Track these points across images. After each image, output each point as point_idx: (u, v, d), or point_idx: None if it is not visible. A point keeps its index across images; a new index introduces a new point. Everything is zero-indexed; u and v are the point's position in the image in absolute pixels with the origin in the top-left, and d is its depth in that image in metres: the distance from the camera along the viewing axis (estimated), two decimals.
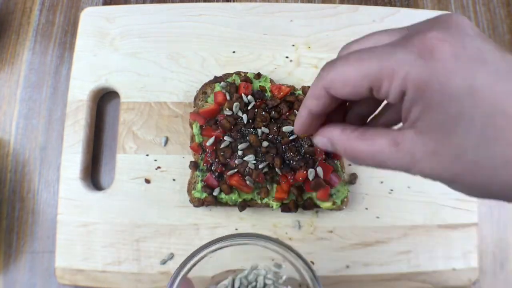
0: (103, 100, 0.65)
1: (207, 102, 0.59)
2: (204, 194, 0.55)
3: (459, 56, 0.26)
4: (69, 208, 0.58)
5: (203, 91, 0.60)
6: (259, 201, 0.56)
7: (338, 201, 0.55)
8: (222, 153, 0.54)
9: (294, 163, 0.53)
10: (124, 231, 0.57)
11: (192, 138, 0.58)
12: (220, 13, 0.65)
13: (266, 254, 0.45)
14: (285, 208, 0.55)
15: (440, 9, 0.69)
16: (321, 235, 0.58)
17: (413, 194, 0.59)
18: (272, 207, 0.55)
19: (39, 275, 0.59)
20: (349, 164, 0.60)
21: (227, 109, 0.56)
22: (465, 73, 0.25)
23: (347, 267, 0.57)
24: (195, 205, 0.56)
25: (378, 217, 0.58)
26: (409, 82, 0.26)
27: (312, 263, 0.57)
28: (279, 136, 0.55)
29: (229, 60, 0.63)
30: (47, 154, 0.63)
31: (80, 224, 0.58)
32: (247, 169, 0.54)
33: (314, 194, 0.55)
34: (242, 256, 0.48)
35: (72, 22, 0.68)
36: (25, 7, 0.69)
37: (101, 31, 0.64)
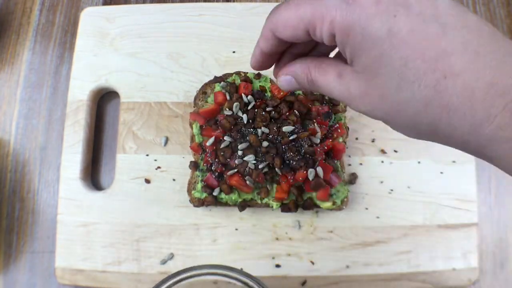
0: (103, 100, 0.65)
1: (207, 102, 0.59)
2: (204, 194, 0.55)
3: (380, 0, 0.26)
4: (69, 208, 0.58)
5: (203, 91, 0.60)
6: (259, 201, 0.56)
7: (338, 201, 0.55)
8: (222, 153, 0.54)
9: (294, 163, 0.53)
10: (124, 231, 0.57)
11: (192, 138, 0.58)
12: (220, 13, 0.65)
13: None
14: (285, 208, 0.55)
15: None
16: (321, 235, 0.58)
17: (413, 194, 0.59)
18: (272, 207, 0.55)
19: (39, 275, 0.59)
20: (349, 164, 0.60)
21: (227, 109, 0.56)
22: (384, 16, 0.26)
23: (347, 267, 0.57)
24: (195, 205, 0.56)
25: (378, 217, 0.58)
26: (336, 26, 0.27)
27: (312, 263, 0.57)
28: (279, 136, 0.55)
29: (229, 60, 0.63)
30: (47, 154, 0.63)
31: (80, 224, 0.58)
32: (247, 169, 0.53)
33: (314, 194, 0.54)
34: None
35: (72, 22, 0.68)
36: (25, 7, 0.69)
37: (101, 31, 0.64)
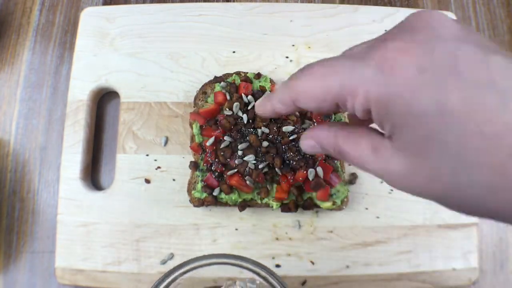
0: (103, 100, 0.65)
1: (207, 102, 0.59)
2: (204, 194, 0.55)
3: (425, 68, 0.22)
4: (69, 208, 0.58)
5: (203, 91, 0.60)
6: (259, 201, 0.56)
7: (338, 201, 0.55)
8: (222, 153, 0.54)
9: (294, 163, 0.53)
10: (124, 231, 0.57)
11: (192, 138, 0.58)
12: (220, 13, 0.65)
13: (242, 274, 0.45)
14: (285, 208, 0.55)
15: (440, 9, 0.69)
16: (321, 235, 0.58)
17: None
18: (272, 207, 0.55)
19: (39, 275, 0.59)
20: (349, 164, 0.60)
21: (227, 109, 0.56)
22: (432, 88, 0.22)
23: (347, 267, 0.57)
24: (195, 205, 0.56)
25: (378, 217, 0.58)
26: (371, 101, 0.24)
27: (312, 263, 0.57)
28: (279, 136, 0.55)
29: (229, 60, 0.63)
30: (47, 154, 0.63)
31: (80, 224, 0.58)
32: (247, 169, 0.53)
33: (314, 194, 0.54)
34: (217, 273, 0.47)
35: (72, 22, 0.68)
36: (25, 7, 0.69)
37: (101, 31, 0.64)
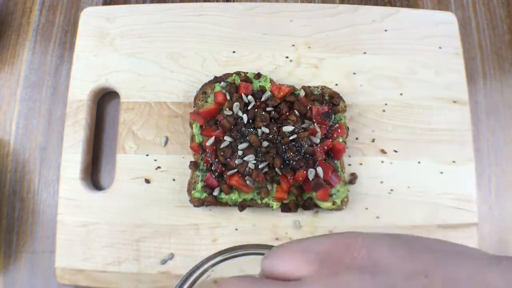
0: (103, 100, 0.65)
1: (207, 102, 0.59)
2: (204, 194, 0.55)
3: None
4: (69, 208, 0.58)
5: (203, 91, 0.60)
6: (259, 201, 0.56)
7: (338, 201, 0.55)
8: (222, 153, 0.54)
9: (294, 163, 0.53)
10: (124, 231, 0.57)
11: (192, 138, 0.58)
12: (220, 13, 0.65)
13: None
14: (285, 208, 0.55)
15: (440, 9, 0.69)
16: None
17: (413, 194, 0.59)
18: (272, 207, 0.55)
19: (39, 275, 0.59)
20: (349, 164, 0.60)
21: (227, 109, 0.56)
22: None
23: None
24: (195, 205, 0.56)
25: (378, 217, 0.58)
26: None
27: None
28: (279, 136, 0.55)
29: (229, 60, 0.63)
30: (47, 154, 0.63)
31: (80, 224, 0.58)
32: (247, 169, 0.53)
33: (314, 194, 0.54)
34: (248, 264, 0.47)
35: (72, 22, 0.68)
36: (25, 7, 0.69)
37: (101, 31, 0.64)
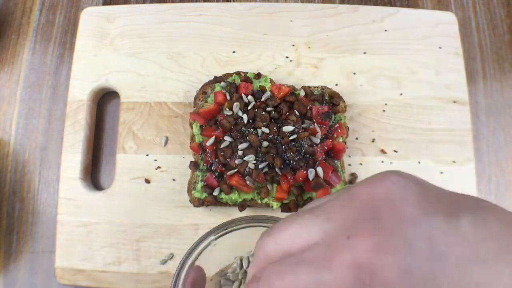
0: (103, 100, 0.65)
1: (207, 102, 0.59)
2: (204, 194, 0.55)
3: (408, 266, 0.20)
4: (69, 208, 0.58)
5: (203, 91, 0.60)
6: (259, 201, 0.55)
7: None
8: (222, 153, 0.54)
9: (294, 163, 0.53)
10: (124, 231, 0.57)
11: (192, 138, 0.58)
12: (220, 13, 0.65)
13: None
14: (285, 208, 0.55)
15: (440, 9, 0.69)
16: None
17: None
18: (272, 207, 0.55)
19: (39, 275, 0.59)
20: (349, 164, 0.60)
21: (227, 109, 0.56)
22: (422, 285, 0.20)
23: None
24: (195, 205, 0.56)
25: None
26: None
27: None
28: (279, 136, 0.55)
29: (229, 60, 0.63)
30: (47, 154, 0.63)
31: (80, 224, 0.58)
32: (247, 169, 0.53)
33: (314, 194, 0.54)
34: (250, 240, 0.46)
35: (72, 22, 0.68)
36: (25, 7, 0.69)
37: (101, 31, 0.64)
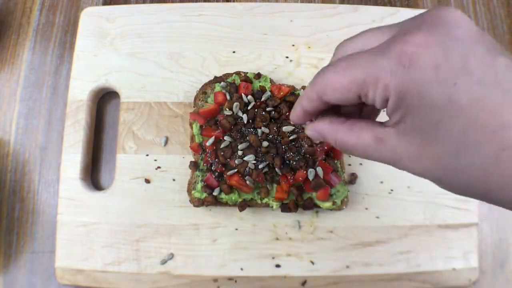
0: (103, 100, 0.65)
1: (207, 102, 0.59)
2: (204, 194, 0.55)
3: (439, 65, 0.25)
4: (69, 208, 0.58)
5: (203, 91, 0.60)
6: (259, 201, 0.56)
7: (338, 201, 0.55)
8: (222, 153, 0.54)
9: (294, 163, 0.53)
10: (124, 231, 0.57)
11: (192, 138, 0.58)
12: (220, 13, 0.65)
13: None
14: (285, 208, 0.55)
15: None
16: (321, 235, 0.58)
17: (413, 194, 0.59)
18: (272, 207, 0.55)
19: (39, 275, 0.59)
20: (349, 164, 0.60)
21: (227, 109, 0.56)
22: (444, 84, 0.25)
23: (347, 267, 0.57)
24: (195, 205, 0.56)
25: (378, 217, 0.58)
26: (391, 90, 0.27)
27: (312, 263, 0.57)
28: (279, 136, 0.55)
29: (229, 60, 0.63)
30: (47, 154, 0.63)
31: (80, 224, 0.58)
32: (247, 169, 0.53)
33: (314, 194, 0.54)
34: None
35: (72, 22, 0.68)
36: (25, 7, 0.69)
37: (101, 31, 0.64)
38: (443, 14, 0.27)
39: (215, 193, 0.54)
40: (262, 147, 0.54)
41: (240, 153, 0.54)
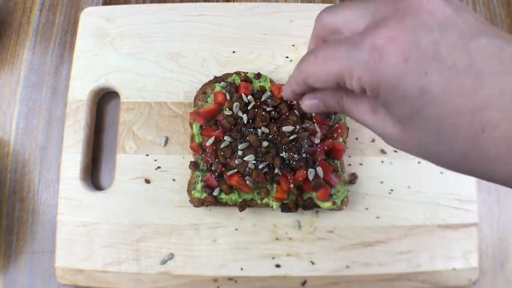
0: (103, 100, 0.65)
1: (207, 102, 0.59)
2: (204, 194, 0.55)
3: (409, 57, 0.25)
4: (69, 208, 0.58)
5: (203, 91, 0.60)
6: (259, 201, 0.56)
7: (338, 201, 0.55)
8: (222, 153, 0.54)
9: (294, 163, 0.53)
10: (124, 231, 0.57)
11: (192, 138, 0.58)
12: (220, 13, 0.65)
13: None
14: (285, 208, 0.55)
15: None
16: (321, 235, 0.58)
17: (413, 194, 0.59)
18: (272, 207, 0.55)
19: (39, 275, 0.59)
20: (349, 164, 0.60)
21: (227, 109, 0.56)
22: (415, 74, 0.25)
23: (347, 267, 0.57)
24: (195, 205, 0.56)
25: (378, 217, 0.58)
26: (365, 83, 0.27)
27: (312, 263, 0.57)
28: (279, 136, 0.55)
29: (229, 60, 0.63)
30: (47, 154, 0.63)
31: (80, 224, 0.58)
32: (247, 169, 0.53)
33: (314, 194, 0.54)
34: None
35: (72, 22, 0.68)
36: (25, 7, 0.69)
37: (101, 31, 0.64)
38: (415, 2, 0.27)
39: (215, 193, 0.54)
40: (262, 147, 0.54)
41: (240, 153, 0.54)
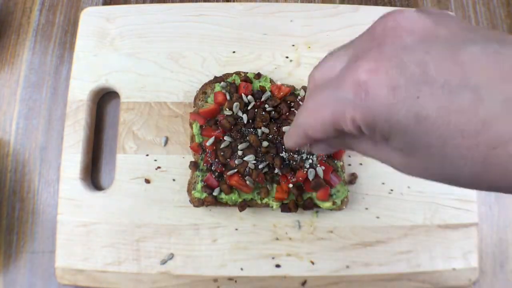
0: (103, 100, 0.65)
1: (207, 102, 0.59)
2: (204, 194, 0.55)
3: (396, 86, 0.23)
4: (69, 208, 0.58)
5: (203, 91, 0.60)
6: (259, 201, 0.56)
7: (338, 201, 0.55)
8: (222, 153, 0.54)
9: (294, 163, 0.53)
10: (124, 231, 0.57)
11: (192, 138, 0.58)
12: (220, 13, 0.65)
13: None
14: (285, 208, 0.55)
15: (440, 8, 0.69)
16: (321, 235, 0.58)
17: (413, 194, 0.59)
18: (272, 207, 0.55)
19: (39, 275, 0.59)
20: (349, 164, 0.60)
21: (227, 109, 0.56)
22: (406, 102, 0.23)
23: (347, 267, 0.57)
24: (195, 205, 0.56)
25: (378, 217, 0.58)
26: (359, 122, 0.26)
27: (312, 263, 0.57)
28: (279, 136, 0.55)
29: (229, 60, 0.63)
30: (47, 154, 0.63)
31: (80, 224, 0.58)
32: (247, 169, 0.53)
33: (314, 194, 0.54)
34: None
35: (72, 22, 0.68)
36: (25, 7, 0.69)
37: (101, 31, 0.64)
38: (390, 25, 0.25)
39: (215, 193, 0.54)
40: (262, 147, 0.54)
41: (240, 153, 0.54)
